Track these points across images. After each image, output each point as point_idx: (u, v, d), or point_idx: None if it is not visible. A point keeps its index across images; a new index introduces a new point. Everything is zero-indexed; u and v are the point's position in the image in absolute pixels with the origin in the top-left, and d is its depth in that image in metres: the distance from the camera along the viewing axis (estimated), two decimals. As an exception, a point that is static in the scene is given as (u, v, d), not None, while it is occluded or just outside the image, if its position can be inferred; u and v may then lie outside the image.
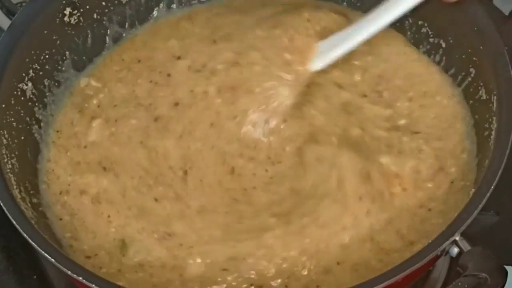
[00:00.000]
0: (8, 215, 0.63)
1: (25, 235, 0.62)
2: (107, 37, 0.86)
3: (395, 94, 0.78)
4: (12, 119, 0.73)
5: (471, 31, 0.73)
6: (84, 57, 0.84)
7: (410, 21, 0.82)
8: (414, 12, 0.81)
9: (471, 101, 0.74)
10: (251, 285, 0.67)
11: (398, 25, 0.83)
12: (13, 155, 0.71)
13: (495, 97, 0.69)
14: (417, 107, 0.77)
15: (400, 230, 0.69)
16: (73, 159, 0.77)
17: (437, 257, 0.63)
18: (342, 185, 0.70)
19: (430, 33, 0.81)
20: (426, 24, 0.81)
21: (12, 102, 0.73)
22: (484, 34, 0.71)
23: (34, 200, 0.71)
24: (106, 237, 0.71)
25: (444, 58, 0.79)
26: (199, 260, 0.68)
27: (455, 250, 0.62)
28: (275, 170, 0.75)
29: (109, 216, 0.72)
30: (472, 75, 0.74)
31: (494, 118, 0.68)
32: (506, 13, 0.95)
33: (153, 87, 0.81)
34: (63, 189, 0.75)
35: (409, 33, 0.83)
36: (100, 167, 0.76)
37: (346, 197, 0.69)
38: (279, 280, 0.67)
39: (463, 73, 0.76)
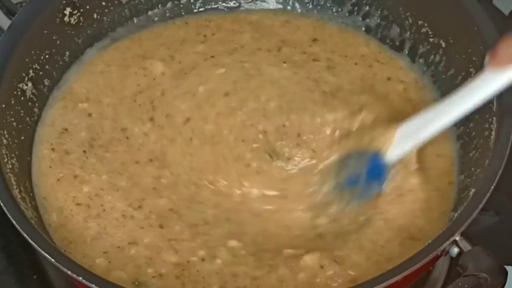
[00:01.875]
0: (8, 215, 0.63)
1: (25, 235, 0.62)
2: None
3: None
4: (12, 119, 0.73)
5: (471, 31, 0.73)
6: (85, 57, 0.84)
7: (410, 21, 0.82)
8: (414, 12, 0.81)
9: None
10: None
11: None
12: (13, 155, 0.71)
13: (495, 97, 0.69)
14: None
15: None
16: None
17: (437, 257, 0.63)
18: None
19: (430, 33, 0.81)
20: (426, 24, 0.81)
21: (12, 102, 0.73)
22: (484, 34, 0.71)
23: (34, 202, 0.72)
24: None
25: (444, 58, 0.79)
26: None
27: (455, 250, 0.62)
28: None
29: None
30: (472, 75, 0.74)
31: (494, 118, 0.68)
32: (506, 13, 0.95)
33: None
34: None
35: (409, 33, 0.83)
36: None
37: None
38: None
39: (463, 73, 0.76)
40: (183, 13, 0.89)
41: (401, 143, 0.70)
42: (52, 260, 0.60)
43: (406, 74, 0.82)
